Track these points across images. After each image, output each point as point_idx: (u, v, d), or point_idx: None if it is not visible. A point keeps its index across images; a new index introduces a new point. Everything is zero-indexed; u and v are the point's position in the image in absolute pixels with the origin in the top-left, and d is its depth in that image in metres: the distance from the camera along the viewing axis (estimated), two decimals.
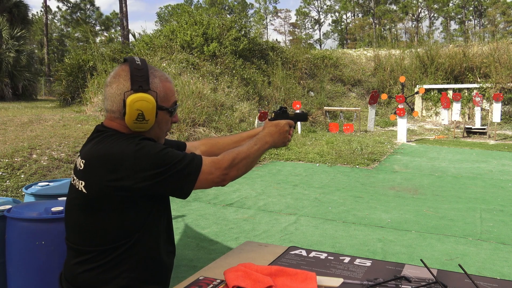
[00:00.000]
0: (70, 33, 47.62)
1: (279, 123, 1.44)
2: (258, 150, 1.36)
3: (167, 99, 1.30)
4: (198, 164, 1.23)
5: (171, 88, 1.32)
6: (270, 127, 1.43)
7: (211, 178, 1.25)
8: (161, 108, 1.28)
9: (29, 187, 2.64)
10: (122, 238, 1.20)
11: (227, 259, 1.32)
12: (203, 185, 1.25)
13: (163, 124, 1.32)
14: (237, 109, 10.60)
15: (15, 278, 1.98)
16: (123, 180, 1.16)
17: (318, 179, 6.48)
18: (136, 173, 1.16)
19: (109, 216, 1.19)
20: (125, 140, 1.21)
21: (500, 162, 7.88)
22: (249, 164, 1.33)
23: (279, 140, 1.44)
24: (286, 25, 59.86)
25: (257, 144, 1.37)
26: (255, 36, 15.35)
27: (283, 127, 1.43)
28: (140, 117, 1.23)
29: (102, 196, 1.18)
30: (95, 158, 1.21)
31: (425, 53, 16.52)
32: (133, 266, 1.22)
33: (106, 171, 1.17)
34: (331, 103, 15.27)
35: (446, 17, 52.09)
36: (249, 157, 1.32)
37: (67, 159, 6.10)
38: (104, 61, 11.91)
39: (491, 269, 3.18)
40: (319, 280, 1.13)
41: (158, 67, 11.46)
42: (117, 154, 1.18)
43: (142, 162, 1.16)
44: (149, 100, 1.22)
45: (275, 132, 1.42)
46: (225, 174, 1.26)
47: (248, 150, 1.33)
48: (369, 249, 3.60)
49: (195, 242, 3.75)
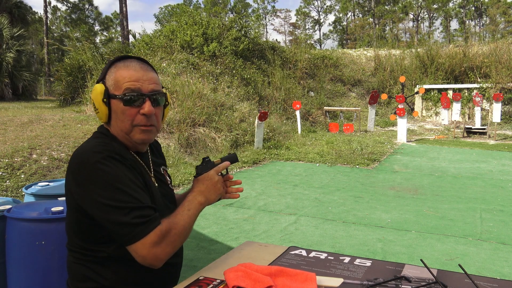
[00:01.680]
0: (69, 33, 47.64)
1: (206, 176, 1.29)
2: (193, 215, 1.22)
3: (118, 86, 1.20)
4: (146, 228, 1.11)
5: (124, 75, 1.20)
6: (198, 185, 1.29)
7: (145, 254, 1.11)
8: (113, 97, 1.21)
9: (29, 187, 2.64)
10: (107, 240, 1.19)
11: (227, 259, 1.32)
12: (136, 257, 1.12)
13: (120, 114, 1.21)
14: (237, 109, 10.60)
15: (15, 278, 1.98)
16: (74, 188, 1.15)
17: (318, 179, 6.48)
18: (83, 189, 1.13)
19: (89, 219, 1.17)
20: (92, 148, 1.17)
21: (500, 162, 7.88)
22: (186, 235, 1.20)
23: (212, 195, 1.29)
24: (286, 25, 59.92)
25: (190, 210, 1.22)
26: (255, 36, 15.35)
27: (212, 179, 1.29)
28: (94, 107, 1.24)
29: (75, 201, 1.18)
30: (70, 158, 1.21)
31: (425, 53, 16.51)
32: (118, 269, 1.21)
33: (69, 172, 1.18)
34: (331, 103, 15.27)
35: (446, 17, 52.09)
36: (185, 229, 1.19)
37: (67, 159, 6.10)
38: (104, 61, 11.91)
39: (491, 269, 3.18)
40: (319, 280, 1.13)
41: (158, 67, 11.49)
42: (79, 159, 1.15)
43: (93, 182, 1.11)
44: (96, 88, 1.22)
45: (204, 189, 1.27)
46: (154, 253, 1.13)
47: (183, 221, 1.19)
48: (369, 249, 3.60)
49: (195, 242, 3.75)
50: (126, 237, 1.11)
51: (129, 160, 1.22)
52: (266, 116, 8.94)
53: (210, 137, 8.89)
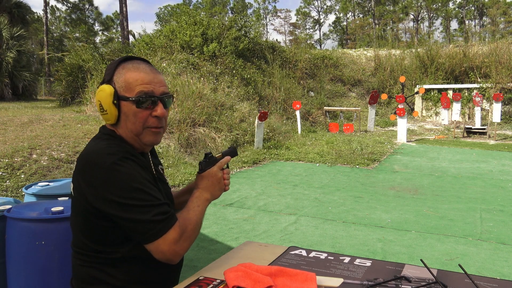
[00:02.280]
0: (69, 33, 47.64)
1: (210, 173, 1.33)
2: (202, 211, 1.28)
3: (130, 88, 1.21)
4: (157, 231, 1.13)
5: (136, 77, 1.22)
6: (202, 181, 1.33)
7: (166, 250, 1.15)
8: (124, 99, 1.21)
9: (29, 187, 2.64)
10: (117, 242, 1.19)
11: (227, 259, 1.32)
12: (156, 253, 1.15)
13: (132, 117, 1.22)
14: (237, 109, 10.60)
15: (15, 278, 1.98)
16: (87, 190, 1.15)
17: (318, 179, 6.48)
18: (97, 189, 1.13)
19: (97, 220, 1.17)
20: (107, 151, 1.16)
21: (500, 162, 7.88)
22: (199, 230, 1.25)
23: (216, 191, 1.34)
24: (286, 25, 59.91)
25: (200, 206, 1.28)
26: (255, 36, 15.35)
27: (215, 175, 1.33)
28: (101, 108, 1.23)
29: (84, 201, 1.17)
30: (78, 160, 1.21)
31: (425, 53, 16.51)
32: (130, 269, 1.22)
33: (80, 175, 1.17)
34: (331, 103, 15.27)
35: (446, 17, 52.09)
36: (197, 225, 1.24)
37: (67, 159, 6.10)
38: (104, 61, 11.91)
39: (491, 269, 3.18)
40: (319, 280, 1.13)
41: (158, 67, 11.50)
42: (92, 162, 1.15)
43: (110, 183, 1.12)
44: (104, 89, 1.21)
45: (209, 185, 1.32)
46: (175, 249, 1.17)
47: (195, 216, 1.24)
48: (369, 249, 3.60)
49: (195, 242, 3.75)
50: (148, 235, 1.13)
51: (141, 160, 1.24)
52: (266, 116, 8.94)
53: (210, 137, 8.90)
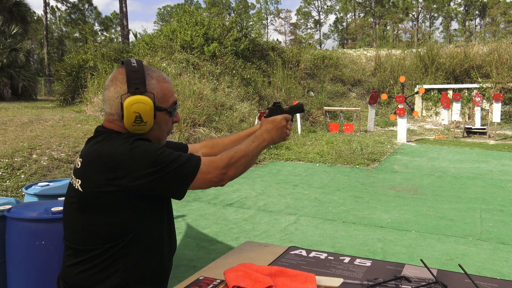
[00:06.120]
0: (69, 33, 47.65)
1: (275, 119, 1.42)
2: (256, 148, 1.35)
3: (166, 99, 1.29)
4: (195, 163, 1.22)
5: (169, 88, 1.31)
6: (266, 124, 1.42)
7: (209, 178, 1.24)
8: (159, 109, 1.27)
9: (29, 187, 2.64)
10: (117, 237, 1.20)
11: (227, 259, 1.32)
12: (201, 185, 1.24)
13: (163, 125, 1.32)
14: (237, 109, 10.61)
15: (15, 278, 1.98)
16: (118, 179, 1.16)
17: (318, 179, 6.48)
18: (132, 172, 1.16)
19: (104, 215, 1.19)
20: (121, 139, 1.21)
21: (500, 162, 7.88)
22: (247, 162, 1.31)
23: (277, 136, 1.42)
24: (287, 25, 59.90)
25: (255, 142, 1.36)
26: (255, 36, 15.35)
27: (280, 122, 1.42)
28: (138, 119, 1.24)
29: (97, 195, 1.18)
30: (91, 157, 1.21)
31: (426, 53, 16.50)
32: (128, 266, 1.22)
33: (102, 170, 1.18)
34: (331, 103, 15.27)
35: (446, 17, 52.08)
36: (247, 155, 1.31)
37: (67, 159, 6.10)
38: (104, 61, 11.91)
39: (491, 269, 3.18)
40: (319, 280, 1.13)
41: (158, 67, 11.50)
42: (113, 153, 1.18)
43: (137, 160, 1.16)
44: (146, 102, 1.23)
45: (272, 129, 1.41)
46: (223, 173, 1.26)
47: (246, 148, 1.32)
48: (369, 249, 3.60)
49: (195, 242, 3.75)
50: (191, 168, 1.21)
51: None
52: None
53: (210, 137, 8.90)
